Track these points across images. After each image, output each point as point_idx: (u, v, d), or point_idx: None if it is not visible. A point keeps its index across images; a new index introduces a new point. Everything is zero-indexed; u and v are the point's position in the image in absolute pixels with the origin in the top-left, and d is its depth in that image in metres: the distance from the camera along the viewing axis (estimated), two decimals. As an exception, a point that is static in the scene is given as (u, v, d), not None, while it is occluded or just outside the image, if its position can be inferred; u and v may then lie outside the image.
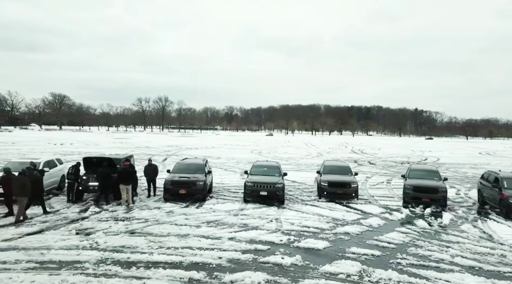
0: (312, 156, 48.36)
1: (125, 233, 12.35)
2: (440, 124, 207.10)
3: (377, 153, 58.22)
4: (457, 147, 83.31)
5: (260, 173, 18.60)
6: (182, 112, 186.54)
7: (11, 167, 15.59)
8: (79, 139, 74.15)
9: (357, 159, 45.56)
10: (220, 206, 16.65)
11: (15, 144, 53.96)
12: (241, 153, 50.17)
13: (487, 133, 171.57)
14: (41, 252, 10.33)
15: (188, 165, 19.42)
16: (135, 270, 9.25)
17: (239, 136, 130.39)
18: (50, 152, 42.79)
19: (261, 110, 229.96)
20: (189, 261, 9.91)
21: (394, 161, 43.89)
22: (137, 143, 65.86)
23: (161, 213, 15.16)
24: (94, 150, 46.96)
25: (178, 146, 60.69)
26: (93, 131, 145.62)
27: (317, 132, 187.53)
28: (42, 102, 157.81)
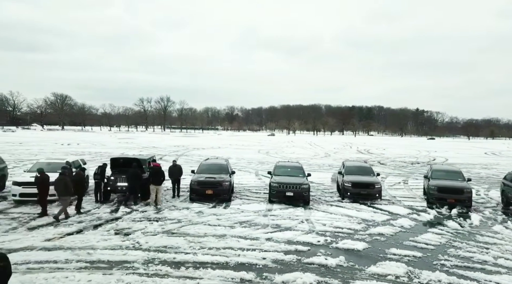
0: (320, 156, 48.50)
1: (162, 233, 12.45)
2: (441, 124, 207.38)
3: (383, 153, 58.36)
4: (461, 147, 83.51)
5: (284, 173, 18.71)
6: (183, 112, 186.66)
7: (41, 168, 15.67)
8: (84, 139, 74.25)
9: (366, 159, 45.61)
10: (247, 207, 16.76)
11: (23, 145, 53.99)
12: (249, 153, 50.28)
13: (488, 133, 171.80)
14: (87, 252, 10.44)
15: (212, 165, 19.56)
16: (185, 270, 9.36)
17: (241, 136, 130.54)
18: (60, 152, 42.93)
19: (262, 110, 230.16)
20: (234, 261, 10.02)
21: (403, 161, 43.99)
22: (142, 143, 65.93)
23: (191, 213, 15.26)
24: (103, 151, 47.08)
25: (184, 146, 60.77)
26: (95, 131, 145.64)
27: (318, 132, 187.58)
28: (44, 102, 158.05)
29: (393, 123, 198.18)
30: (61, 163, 17.89)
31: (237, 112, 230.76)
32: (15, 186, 15.82)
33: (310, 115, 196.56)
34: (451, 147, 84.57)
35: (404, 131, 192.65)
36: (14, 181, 16.03)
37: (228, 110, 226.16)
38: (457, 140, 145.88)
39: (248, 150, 56.54)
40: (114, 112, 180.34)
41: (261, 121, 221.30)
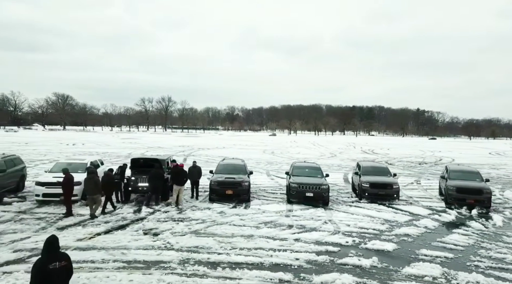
0: (327, 157, 48.54)
1: (190, 233, 12.52)
2: (442, 124, 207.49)
3: (388, 153, 58.41)
4: (464, 147, 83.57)
5: (302, 174, 18.76)
6: (184, 112, 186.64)
7: (66, 168, 15.74)
8: (88, 139, 74.21)
9: (372, 159, 45.69)
10: (267, 207, 16.82)
11: (29, 145, 53.97)
12: (255, 153, 50.25)
13: (489, 133, 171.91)
14: (122, 252, 10.52)
15: (230, 165, 19.64)
16: (222, 271, 9.43)
17: (243, 136, 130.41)
18: (68, 152, 42.93)
19: (263, 110, 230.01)
20: (268, 262, 10.09)
21: (410, 161, 44.05)
22: (147, 143, 65.88)
23: (214, 213, 15.32)
24: (109, 151, 47.08)
25: (189, 146, 60.75)
26: (97, 131, 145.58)
27: (319, 132, 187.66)
28: (45, 102, 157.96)
29: (394, 123, 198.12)
30: (81, 163, 17.98)
31: (237, 112, 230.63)
32: (38, 187, 15.89)
33: (311, 115, 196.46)
34: (454, 147, 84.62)
35: (405, 131, 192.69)
36: (37, 181, 16.10)
37: (229, 110, 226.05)
38: (458, 140, 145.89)
39: (253, 150, 56.50)
40: (115, 112, 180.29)
41: (262, 121, 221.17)
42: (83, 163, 17.95)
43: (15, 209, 15.23)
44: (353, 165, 37.90)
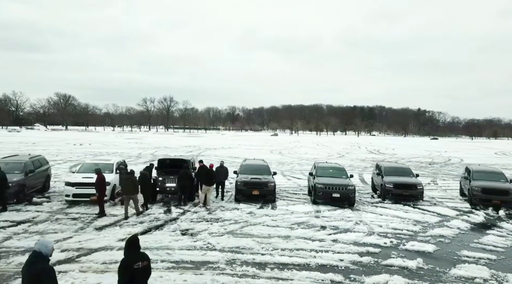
0: (335, 157, 48.49)
1: (227, 234, 12.59)
2: (443, 124, 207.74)
3: (395, 153, 58.42)
4: (469, 148, 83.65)
5: (327, 174, 18.79)
6: (184, 112, 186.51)
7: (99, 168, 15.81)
8: (93, 140, 74.12)
9: (382, 159, 45.78)
10: (294, 208, 16.86)
11: (36, 145, 53.89)
12: (263, 154, 50.04)
13: (491, 133, 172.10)
14: (166, 252, 10.60)
15: (254, 166, 19.73)
16: (271, 272, 9.50)
17: (245, 136, 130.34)
18: (78, 152, 42.90)
19: (264, 110, 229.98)
20: (314, 262, 10.15)
21: (419, 161, 44.14)
22: (153, 143, 65.82)
23: (243, 214, 15.37)
24: (119, 151, 47.03)
25: (196, 147, 60.69)
26: (99, 131, 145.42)
27: (321, 132, 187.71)
28: (47, 102, 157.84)
29: (395, 123, 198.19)
30: (108, 163, 18.05)
31: (238, 112, 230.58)
32: (68, 187, 15.97)
33: (312, 115, 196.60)
34: (458, 147, 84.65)
35: (408, 131, 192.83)
36: (67, 181, 16.17)
37: (230, 110, 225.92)
38: (460, 140, 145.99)
39: (260, 151, 56.45)
40: (117, 112, 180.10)
41: (263, 121, 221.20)
42: (109, 164, 18.02)
43: (47, 209, 15.31)
44: (364, 165, 38.16)
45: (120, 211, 15.14)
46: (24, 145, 51.52)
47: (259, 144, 73.64)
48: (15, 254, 10.25)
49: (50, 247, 5.51)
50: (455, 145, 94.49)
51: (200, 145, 65.51)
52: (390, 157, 49.68)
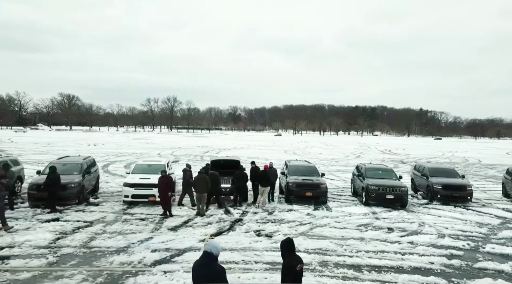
0: (352, 157, 48.43)
1: (300, 235, 12.61)
2: (445, 124, 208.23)
3: (409, 153, 58.48)
4: (477, 148, 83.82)
5: (377, 176, 18.79)
6: (187, 113, 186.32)
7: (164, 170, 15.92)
8: (103, 140, 73.85)
9: (400, 159, 45.86)
10: (348, 209, 16.89)
11: (52, 145, 53.78)
12: (278, 154, 50.14)
13: (494, 133, 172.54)
14: (254, 253, 10.65)
15: (302, 167, 19.77)
16: (369, 274, 9.52)
17: (249, 136, 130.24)
18: (99, 153, 42.71)
19: (265, 110, 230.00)
20: (406, 265, 10.18)
21: (438, 162, 44.11)
22: (164, 144, 65.70)
23: (302, 215, 15.39)
24: (137, 151, 46.91)
25: (208, 147, 60.53)
26: (103, 131, 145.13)
27: (324, 132, 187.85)
28: (50, 102, 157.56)
29: (398, 123, 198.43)
30: (160, 164, 18.11)
31: (239, 112, 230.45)
32: (127, 188, 16.01)
33: (315, 115, 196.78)
34: (466, 147, 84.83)
35: (413, 131, 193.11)
36: (126, 183, 16.18)
37: (231, 110, 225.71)
38: (464, 140, 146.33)
39: (273, 151, 56.42)
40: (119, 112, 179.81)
41: (265, 121, 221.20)
42: (161, 165, 18.07)
43: (109, 209, 15.40)
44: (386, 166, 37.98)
45: (179, 212, 15.20)
46: (40, 146, 51.43)
47: (268, 145, 73.56)
48: (111, 254, 10.35)
49: (220, 248, 5.65)
50: (462, 145, 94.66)
51: (211, 145, 65.42)
52: (406, 158, 49.68)
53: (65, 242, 11.19)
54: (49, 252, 10.30)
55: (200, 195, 15.03)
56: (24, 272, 8.99)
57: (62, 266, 9.44)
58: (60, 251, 10.45)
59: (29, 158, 33.89)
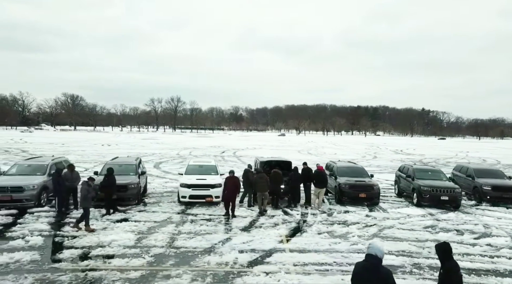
0: (368, 158, 48.13)
1: (377, 237, 12.51)
2: (447, 124, 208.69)
3: (423, 153, 58.44)
4: (486, 148, 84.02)
5: (427, 177, 18.69)
6: (189, 113, 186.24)
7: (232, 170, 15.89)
8: (112, 140, 73.67)
9: (419, 160, 45.78)
10: (403, 210, 16.77)
11: (67, 146, 53.61)
12: (292, 154, 49.83)
13: (498, 133, 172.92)
14: (341, 255, 10.59)
15: (351, 168, 19.68)
16: (470, 277, 9.40)
17: (253, 136, 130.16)
18: (119, 153, 42.54)
19: (267, 110, 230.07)
20: (502, 268, 10.02)
21: (454, 162, 43.95)
22: (176, 144, 65.43)
23: (361, 216, 15.27)
24: (156, 152, 46.76)
25: (221, 147, 60.32)
26: (108, 131, 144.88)
27: (328, 132, 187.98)
28: (54, 102, 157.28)
29: (400, 123, 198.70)
30: (211, 165, 18.28)
31: (241, 112, 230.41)
32: (184, 188, 15.94)
33: (319, 115, 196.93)
34: (475, 147, 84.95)
35: (416, 131, 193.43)
36: (183, 183, 16.10)
37: (233, 110, 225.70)
38: (468, 140, 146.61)
39: (286, 151, 56.12)
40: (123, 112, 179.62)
41: (267, 121, 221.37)
42: (213, 165, 18.07)
43: (169, 210, 15.36)
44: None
45: (239, 212, 15.16)
46: (57, 146, 51.31)
47: (278, 145, 73.49)
48: (202, 254, 10.38)
49: (384, 251, 5.52)
50: (470, 145, 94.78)
51: (223, 145, 65.30)
52: (423, 158, 49.58)
53: (149, 242, 11.19)
54: (142, 252, 10.32)
55: (262, 194, 15.18)
56: (132, 271, 8.99)
57: (164, 266, 9.44)
58: (151, 251, 10.45)
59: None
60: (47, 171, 15.67)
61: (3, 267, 9.08)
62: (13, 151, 42.42)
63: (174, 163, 34.15)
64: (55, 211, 14.17)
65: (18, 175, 15.41)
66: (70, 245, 10.71)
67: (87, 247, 10.61)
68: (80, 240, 11.10)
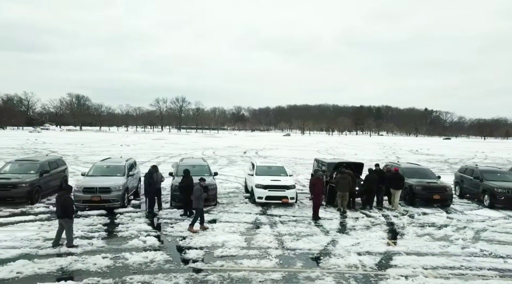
0: (393, 158, 47.68)
1: (479, 241, 12.21)
2: (450, 124, 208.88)
3: (443, 154, 57.98)
4: (498, 148, 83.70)
5: (497, 178, 18.35)
6: (192, 113, 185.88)
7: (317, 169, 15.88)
8: (125, 141, 73.10)
9: (444, 160, 45.56)
10: (478, 212, 16.54)
11: (88, 146, 53.21)
12: (311, 154, 49.34)
13: (504, 133, 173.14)
14: (463, 259, 10.31)
15: (418, 169, 19.42)
16: None
17: (259, 136, 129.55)
18: (146, 154, 42.29)
19: (270, 110, 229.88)
20: None
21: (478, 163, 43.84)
22: (191, 144, 64.87)
23: (444, 218, 15.05)
24: (174, 152, 46.39)
25: (238, 147, 59.91)
26: (114, 131, 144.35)
27: (332, 132, 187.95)
28: (59, 102, 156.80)
29: (404, 123, 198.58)
30: (279, 166, 18.06)
31: (243, 112, 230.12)
32: (260, 189, 15.82)
33: (323, 115, 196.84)
34: (487, 147, 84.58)
35: (419, 131, 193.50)
36: (259, 184, 15.94)
37: (235, 110, 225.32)
38: (473, 140, 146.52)
39: (304, 151, 55.70)
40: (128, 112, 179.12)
41: (270, 121, 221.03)
42: (280, 166, 18.08)
43: (250, 211, 15.26)
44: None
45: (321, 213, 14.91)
46: (79, 147, 50.93)
47: (292, 145, 72.99)
48: (323, 256, 10.24)
49: None
50: (481, 145, 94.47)
51: (240, 145, 64.99)
52: (440, 158, 49.13)
53: (261, 243, 11.06)
54: (262, 253, 10.23)
55: (343, 194, 15.10)
56: (270, 272, 8.87)
57: (296, 267, 9.28)
58: (270, 252, 10.35)
59: (92, 159, 33.32)
60: (126, 172, 15.54)
61: (144, 266, 9.07)
62: (42, 151, 42.05)
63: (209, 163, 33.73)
64: (145, 211, 14.07)
65: (100, 176, 15.29)
66: (188, 246, 10.66)
67: (206, 247, 10.53)
68: (193, 240, 11.06)
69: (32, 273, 8.47)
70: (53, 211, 13.51)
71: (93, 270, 8.74)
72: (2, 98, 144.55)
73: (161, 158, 36.94)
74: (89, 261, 9.19)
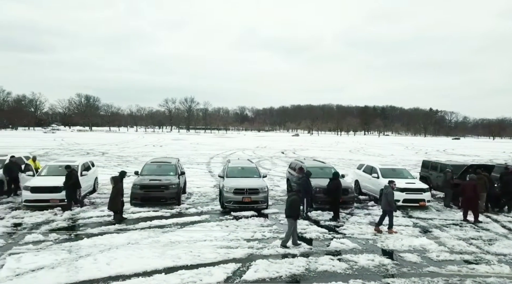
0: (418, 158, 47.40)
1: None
2: (454, 124, 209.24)
3: (478, 154, 57.00)
4: None
5: None
6: (195, 112, 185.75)
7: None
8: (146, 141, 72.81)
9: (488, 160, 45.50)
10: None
11: (119, 147, 53.17)
12: (343, 154, 49.47)
13: (510, 133, 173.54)
14: None
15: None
16: None
17: (271, 136, 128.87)
18: (190, 155, 42.19)
19: (274, 110, 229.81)
20: None
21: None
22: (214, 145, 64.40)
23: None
24: (206, 152, 46.23)
25: (267, 148, 59.60)
26: (124, 131, 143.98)
27: (341, 132, 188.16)
28: (68, 102, 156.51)
29: (409, 123, 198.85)
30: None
31: (247, 112, 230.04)
32: (397, 192, 15.57)
33: (329, 115, 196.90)
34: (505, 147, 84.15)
35: (420, 131, 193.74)
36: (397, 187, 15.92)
37: (239, 110, 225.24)
38: (482, 140, 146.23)
39: (338, 152, 55.46)
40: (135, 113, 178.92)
41: (274, 121, 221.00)
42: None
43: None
44: None
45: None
46: (112, 147, 50.82)
47: (317, 145, 72.53)
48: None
49: None
50: (499, 145, 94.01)
51: (261, 145, 64.83)
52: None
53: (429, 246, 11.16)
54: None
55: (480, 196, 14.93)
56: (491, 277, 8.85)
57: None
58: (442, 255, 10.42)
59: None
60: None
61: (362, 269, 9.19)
62: (90, 152, 41.93)
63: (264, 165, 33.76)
64: (303, 212, 14.03)
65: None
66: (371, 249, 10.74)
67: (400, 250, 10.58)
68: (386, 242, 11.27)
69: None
70: (202, 212, 13.67)
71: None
72: (14, 99, 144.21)
73: (214, 159, 36.75)
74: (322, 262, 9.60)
